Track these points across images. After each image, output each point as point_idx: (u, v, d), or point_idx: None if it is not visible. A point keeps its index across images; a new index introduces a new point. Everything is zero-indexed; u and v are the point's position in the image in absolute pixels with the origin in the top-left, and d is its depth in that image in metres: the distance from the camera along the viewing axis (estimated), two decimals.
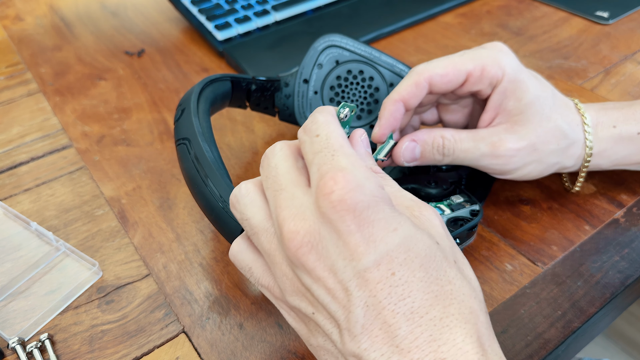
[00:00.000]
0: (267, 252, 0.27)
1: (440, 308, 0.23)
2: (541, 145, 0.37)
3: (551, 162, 0.38)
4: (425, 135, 0.38)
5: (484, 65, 0.37)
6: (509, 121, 0.37)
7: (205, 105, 0.40)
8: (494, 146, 0.37)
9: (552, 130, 0.37)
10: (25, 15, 0.74)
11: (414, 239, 0.24)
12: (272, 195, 0.27)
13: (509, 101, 0.37)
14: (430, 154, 0.38)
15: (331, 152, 0.25)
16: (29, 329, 0.36)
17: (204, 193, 0.34)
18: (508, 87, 0.37)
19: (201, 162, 0.35)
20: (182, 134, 0.38)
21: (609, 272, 0.37)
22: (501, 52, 0.38)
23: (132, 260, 0.40)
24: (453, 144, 0.37)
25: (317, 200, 0.24)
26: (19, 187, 0.47)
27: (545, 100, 0.37)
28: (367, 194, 0.24)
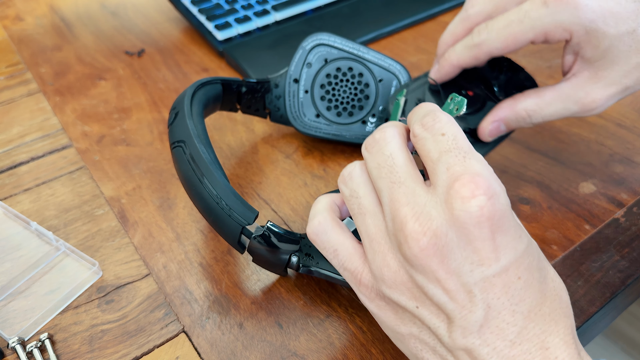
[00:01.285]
0: (370, 237, 0.26)
1: (549, 304, 0.25)
2: (632, 81, 0.36)
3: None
4: (508, 112, 0.38)
5: (545, 31, 0.36)
6: (592, 67, 0.36)
7: (198, 107, 0.40)
8: (583, 103, 0.36)
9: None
10: (25, 15, 0.74)
11: (531, 244, 0.25)
12: (387, 187, 0.26)
13: (586, 51, 0.36)
14: (518, 124, 0.38)
15: (462, 154, 0.25)
16: (28, 328, 0.36)
17: (201, 194, 0.34)
18: (581, 41, 0.36)
19: (197, 162, 0.35)
20: (176, 136, 0.37)
21: (609, 271, 0.37)
22: (565, 10, 0.35)
23: (132, 260, 0.40)
24: (540, 113, 0.37)
25: (451, 203, 0.23)
26: (19, 187, 0.47)
27: (625, 37, 0.35)
28: (503, 202, 0.24)
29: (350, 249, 0.28)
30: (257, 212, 0.33)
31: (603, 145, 0.47)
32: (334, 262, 0.28)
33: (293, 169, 0.47)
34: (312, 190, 0.45)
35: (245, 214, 0.33)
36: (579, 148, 0.47)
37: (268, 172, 0.47)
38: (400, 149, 0.27)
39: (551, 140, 0.48)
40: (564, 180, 0.44)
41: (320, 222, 0.29)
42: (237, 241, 0.34)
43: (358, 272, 0.27)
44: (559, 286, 0.26)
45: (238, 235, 0.34)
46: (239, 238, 0.34)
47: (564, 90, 0.37)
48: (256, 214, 0.33)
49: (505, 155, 0.47)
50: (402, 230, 0.24)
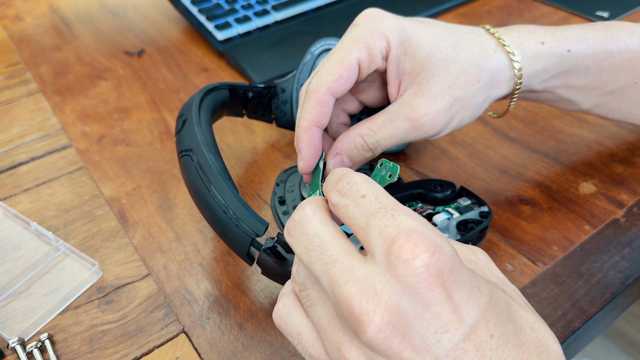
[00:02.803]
0: (324, 328, 0.24)
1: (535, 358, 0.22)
2: (459, 92, 0.34)
3: (479, 101, 0.35)
4: (345, 142, 0.36)
5: (367, 44, 0.34)
6: (414, 83, 0.35)
7: (206, 115, 0.39)
8: (410, 118, 0.34)
9: (465, 70, 0.34)
10: (25, 15, 0.74)
11: (494, 293, 0.22)
12: (321, 271, 0.23)
13: (405, 64, 0.35)
14: (360, 156, 0.36)
15: (390, 212, 0.22)
16: (28, 329, 0.36)
17: (210, 204, 0.33)
18: (398, 52, 0.35)
19: (206, 172, 0.34)
20: (184, 145, 0.36)
21: (609, 272, 0.37)
22: (376, 21, 0.35)
23: (131, 260, 0.40)
24: (373, 136, 0.35)
25: (394, 270, 0.21)
26: (19, 187, 0.47)
27: (444, 43, 0.35)
28: (449, 253, 0.21)
29: (314, 333, 0.25)
30: (267, 224, 0.32)
31: (603, 145, 0.47)
32: (298, 348, 0.26)
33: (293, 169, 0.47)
34: None
35: (255, 226, 0.32)
36: (580, 148, 0.47)
37: (268, 172, 0.47)
38: (324, 224, 0.24)
39: (551, 141, 0.48)
40: (564, 180, 0.44)
41: (284, 304, 0.26)
42: (246, 253, 0.33)
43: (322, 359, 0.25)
44: (542, 335, 0.23)
45: (247, 247, 0.32)
46: (248, 250, 0.33)
47: (391, 110, 0.35)
48: (266, 226, 0.32)
49: (505, 156, 0.47)
50: (351, 314, 0.21)
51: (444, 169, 0.46)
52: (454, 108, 0.34)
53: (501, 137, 0.49)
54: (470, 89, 0.34)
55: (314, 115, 0.35)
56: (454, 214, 0.37)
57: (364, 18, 0.35)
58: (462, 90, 0.34)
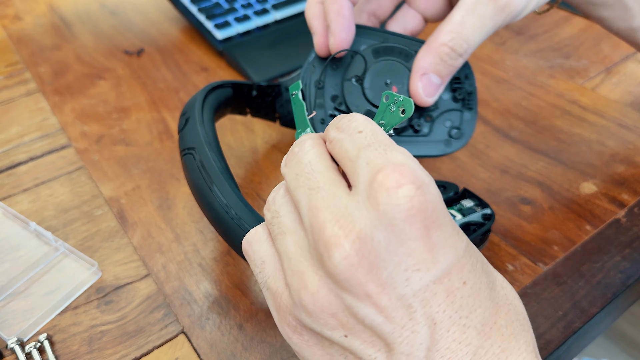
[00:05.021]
0: (289, 257, 0.22)
1: (504, 315, 0.21)
2: None
3: None
4: (428, 58, 0.32)
5: None
6: None
7: (209, 113, 0.39)
8: (495, 1, 0.31)
9: None
10: (24, 14, 0.74)
11: (470, 243, 0.22)
12: (304, 195, 0.22)
13: None
14: (450, 68, 0.32)
15: (382, 147, 0.21)
16: (27, 329, 0.36)
17: (211, 202, 0.33)
18: None
19: (208, 170, 0.34)
20: (187, 143, 0.36)
21: (610, 272, 0.37)
22: None
23: (131, 261, 0.40)
24: (459, 37, 0.31)
25: (375, 198, 0.20)
26: (18, 187, 0.47)
27: None
28: (434, 193, 0.20)
29: (278, 264, 0.24)
30: None
31: (604, 145, 0.47)
32: (258, 277, 0.24)
33: None
34: None
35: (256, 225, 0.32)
36: (580, 148, 0.47)
37: (268, 172, 0.47)
38: (319, 156, 0.23)
39: (552, 141, 0.48)
40: (565, 180, 0.44)
41: (256, 232, 0.25)
42: None
43: (279, 293, 0.23)
44: (510, 294, 0.22)
45: None
46: None
47: (467, 1, 0.31)
48: None
49: (506, 156, 0.47)
50: (321, 237, 0.20)
51: (445, 169, 0.46)
52: None
53: (502, 137, 0.49)
54: None
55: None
56: (457, 215, 0.37)
57: None
58: None
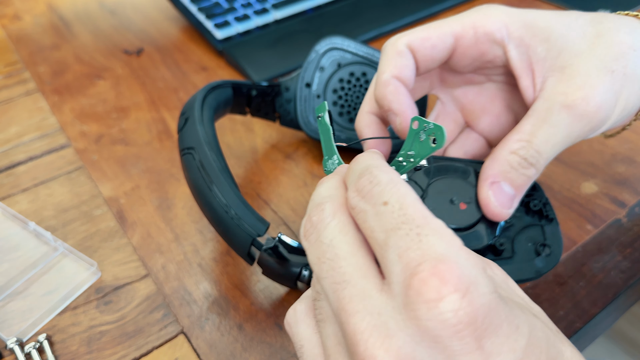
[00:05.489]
0: (328, 351, 0.21)
1: None
2: (616, 63, 0.27)
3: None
4: (495, 166, 0.28)
5: (473, 22, 0.29)
6: (554, 69, 0.28)
7: (209, 112, 0.39)
8: (568, 106, 0.27)
9: (613, 41, 0.28)
10: (23, 14, 0.74)
11: (533, 328, 0.19)
12: (330, 289, 0.20)
13: (536, 49, 0.28)
14: (523, 177, 0.27)
15: (415, 230, 0.18)
16: (27, 329, 0.36)
17: (211, 202, 0.33)
18: (523, 35, 0.28)
19: (207, 170, 0.34)
20: (186, 143, 0.36)
21: (611, 272, 0.37)
22: (491, 7, 0.30)
23: (130, 261, 0.40)
24: (529, 147, 0.27)
25: (413, 310, 0.17)
26: (17, 187, 0.47)
27: (577, 22, 0.29)
28: (486, 292, 0.17)
29: (316, 350, 0.22)
30: (269, 224, 0.32)
31: (605, 145, 0.47)
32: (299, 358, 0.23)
33: (293, 169, 0.47)
34: (312, 190, 0.45)
35: (256, 225, 0.32)
36: (581, 148, 0.47)
37: (267, 172, 0.47)
38: (342, 231, 0.20)
39: None
40: (566, 180, 0.44)
41: (295, 311, 0.23)
42: (246, 253, 0.33)
43: None
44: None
45: (248, 246, 0.32)
46: (248, 250, 0.33)
47: (538, 108, 0.27)
48: (267, 225, 0.32)
49: None
50: (356, 353, 0.18)
51: None
52: (616, 83, 0.27)
53: None
54: (629, 58, 0.27)
55: (394, 67, 0.29)
56: None
57: (480, 6, 0.30)
58: (619, 61, 0.27)
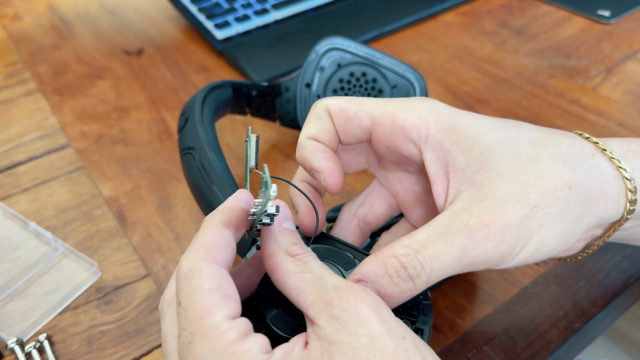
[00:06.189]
0: None
1: None
2: (540, 197, 0.24)
3: (570, 218, 0.25)
4: (371, 265, 0.24)
5: (394, 113, 0.27)
6: (472, 184, 0.25)
7: (209, 113, 0.39)
8: (469, 228, 0.23)
9: (548, 170, 0.25)
10: (24, 14, 0.74)
11: None
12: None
13: (456, 157, 0.25)
14: (394, 288, 0.24)
15: (188, 338, 0.20)
16: (27, 329, 0.36)
17: (211, 202, 0.33)
18: (444, 139, 0.26)
19: (207, 170, 0.34)
20: (187, 143, 0.36)
21: (610, 272, 0.37)
22: (425, 102, 0.27)
23: (131, 261, 0.40)
24: (415, 256, 0.24)
25: None
26: (18, 187, 0.47)
27: (517, 138, 0.26)
28: None
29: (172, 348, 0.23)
30: None
31: None
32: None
33: (293, 169, 0.47)
34: None
35: None
36: None
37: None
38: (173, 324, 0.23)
39: None
40: None
41: (164, 298, 0.25)
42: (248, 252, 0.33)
43: None
44: None
45: (248, 247, 0.32)
46: (249, 250, 0.32)
47: (440, 220, 0.24)
48: None
49: None
50: None
51: None
52: (533, 220, 0.24)
53: None
54: (558, 195, 0.24)
55: (312, 129, 0.28)
56: None
57: (418, 98, 0.28)
58: (545, 196, 0.24)
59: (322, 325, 0.21)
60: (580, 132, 0.28)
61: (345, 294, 0.21)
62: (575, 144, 0.26)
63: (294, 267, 0.23)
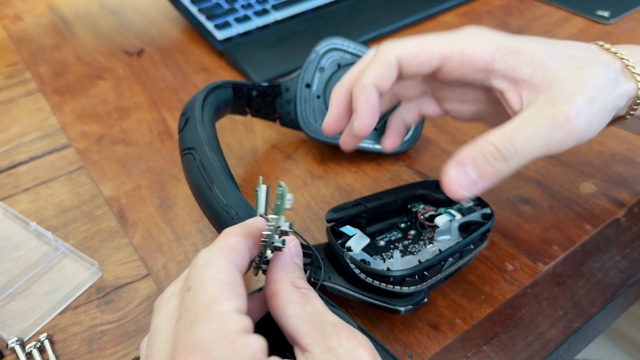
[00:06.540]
0: None
1: None
2: (595, 91, 0.30)
3: (611, 107, 0.31)
4: (469, 150, 0.30)
5: (462, 48, 0.31)
6: (541, 89, 0.31)
7: (209, 113, 0.39)
8: (554, 115, 0.29)
9: (593, 74, 0.31)
10: (24, 14, 0.74)
11: None
12: None
13: (522, 70, 0.31)
14: (491, 168, 0.30)
15: (191, 319, 0.21)
16: (28, 329, 0.36)
17: (211, 202, 0.33)
18: (509, 60, 0.31)
19: (208, 170, 0.34)
20: (187, 143, 0.37)
21: (610, 271, 0.37)
22: (481, 33, 0.32)
23: (131, 260, 0.40)
24: (507, 141, 0.30)
25: None
26: (18, 187, 0.47)
27: (561, 55, 0.31)
28: None
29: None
30: None
31: (604, 145, 0.47)
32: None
33: (293, 169, 0.47)
34: (312, 190, 0.45)
35: None
36: (580, 148, 0.47)
37: (268, 172, 0.47)
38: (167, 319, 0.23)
39: None
40: (565, 180, 0.44)
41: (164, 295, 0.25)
42: None
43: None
44: None
45: None
46: None
47: (526, 114, 0.30)
48: None
49: None
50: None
51: None
52: (594, 108, 0.30)
53: None
54: (605, 89, 0.31)
55: (377, 75, 0.32)
56: (457, 215, 0.36)
57: (470, 29, 0.33)
58: (598, 90, 0.30)
59: (315, 353, 0.22)
60: (601, 43, 0.34)
61: (344, 331, 0.23)
62: (600, 57, 0.32)
63: (297, 298, 0.24)
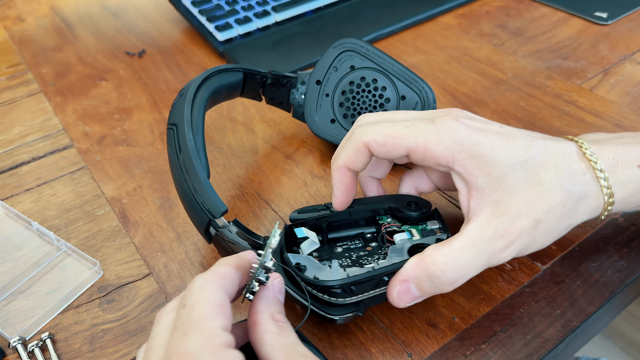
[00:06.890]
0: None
1: None
2: (543, 214, 0.31)
3: (562, 227, 0.32)
4: (416, 269, 0.31)
5: (426, 144, 0.32)
6: (491, 202, 0.31)
7: (204, 93, 0.41)
8: (495, 239, 0.31)
9: (549, 193, 0.31)
10: (26, 15, 0.74)
11: None
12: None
13: (477, 179, 0.31)
14: (432, 287, 0.31)
15: (184, 330, 0.24)
16: (29, 328, 0.36)
17: (180, 182, 0.36)
18: (468, 165, 0.31)
19: (182, 149, 0.37)
20: (172, 119, 0.39)
21: (608, 271, 0.37)
22: (450, 129, 0.32)
23: (132, 260, 0.41)
24: (452, 264, 0.30)
25: None
26: (20, 187, 0.47)
27: (525, 165, 0.31)
28: None
29: None
30: (226, 208, 0.35)
31: None
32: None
33: (293, 169, 0.47)
34: (312, 190, 0.45)
35: (214, 208, 0.35)
36: None
37: (268, 172, 0.47)
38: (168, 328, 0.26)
39: None
40: None
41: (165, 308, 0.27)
42: (204, 231, 0.36)
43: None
44: None
45: (205, 225, 0.35)
46: (206, 228, 0.36)
47: (471, 232, 0.31)
48: (224, 210, 0.35)
49: None
50: None
51: None
52: (538, 230, 0.31)
53: None
54: (555, 213, 0.31)
55: (348, 158, 0.34)
56: (415, 236, 0.35)
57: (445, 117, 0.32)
58: (546, 214, 0.31)
59: None
60: (581, 143, 0.34)
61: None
62: (572, 166, 0.32)
63: (274, 329, 0.27)
